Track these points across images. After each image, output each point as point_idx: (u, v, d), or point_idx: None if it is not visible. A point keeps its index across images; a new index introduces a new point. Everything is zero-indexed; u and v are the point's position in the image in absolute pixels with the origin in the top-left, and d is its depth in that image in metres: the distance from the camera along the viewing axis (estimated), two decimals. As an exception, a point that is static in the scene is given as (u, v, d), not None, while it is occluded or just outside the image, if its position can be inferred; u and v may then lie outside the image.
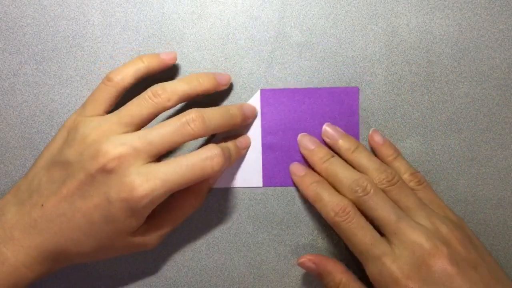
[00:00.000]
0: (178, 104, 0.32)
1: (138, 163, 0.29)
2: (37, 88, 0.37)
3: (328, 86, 0.36)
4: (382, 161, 0.34)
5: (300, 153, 0.35)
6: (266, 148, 0.36)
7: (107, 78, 0.33)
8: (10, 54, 0.37)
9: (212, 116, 0.32)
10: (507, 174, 0.36)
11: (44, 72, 0.37)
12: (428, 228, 0.30)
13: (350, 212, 0.31)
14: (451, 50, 0.36)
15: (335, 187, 0.33)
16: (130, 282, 0.36)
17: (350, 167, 0.33)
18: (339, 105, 0.36)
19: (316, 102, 0.36)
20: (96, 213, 0.29)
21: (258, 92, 0.36)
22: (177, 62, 0.36)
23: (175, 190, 0.30)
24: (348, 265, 0.34)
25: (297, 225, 0.36)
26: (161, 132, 0.30)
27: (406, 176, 0.34)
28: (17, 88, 0.37)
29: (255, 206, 0.36)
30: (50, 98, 0.37)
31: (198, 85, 0.33)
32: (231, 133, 0.36)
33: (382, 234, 0.31)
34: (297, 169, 0.35)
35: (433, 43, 0.36)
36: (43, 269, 0.31)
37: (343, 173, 0.33)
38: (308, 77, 0.36)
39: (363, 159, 0.34)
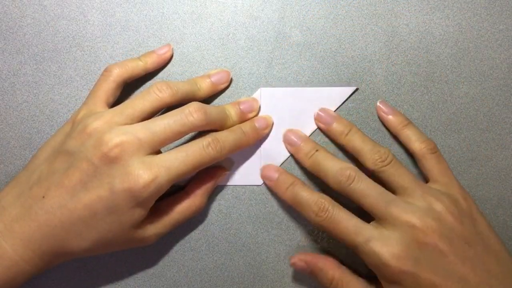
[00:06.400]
0: (180, 102, 0.33)
1: (140, 153, 0.30)
2: (37, 88, 0.37)
3: (328, 86, 0.36)
4: (393, 131, 0.34)
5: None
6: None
7: (106, 70, 0.34)
8: (10, 54, 0.37)
9: (213, 109, 0.33)
10: (507, 174, 0.36)
11: (44, 72, 0.37)
12: (421, 207, 0.30)
13: (328, 208, 0.31)
14: (451, 50, 0.36)
15: (323, 180, 0.33)
16: (130, 282, 0.36)
17: (335, 158, 0.33)
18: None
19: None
20: (99, 204, 0.30)
21: (259, 91, 0.36)
22: (177, 62, 0.36)
23: (178, 179, 0.31)
24: (351, 263, 0.34)
25: (297, 225, 0.36)
26: (164, 123, 0.31)
27: (417, 145, 0.33)
28: (17, 88, 0.37)
29: (255, 206, 0.36)
30: (50, 98, 0.37)
31: (197, 89, 0.34)
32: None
33: (372, 219, 0.31)
34: (269, 172, 0.35)
35: (433, 43, 0.36)
36: (43, 264, 0.31)
37: (328, 164, 0.33)
38: (308, 77, 0.36)
39: (356, 141, 0.34)
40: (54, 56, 0.37)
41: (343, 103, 0.36)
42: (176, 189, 0.35)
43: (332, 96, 0.36)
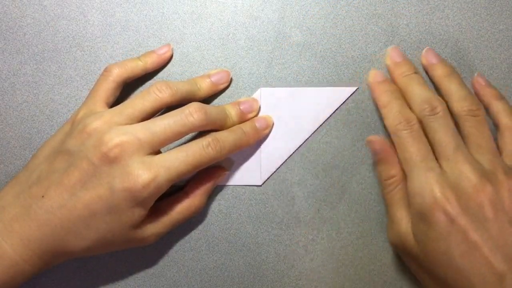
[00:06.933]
0: (180, 102, 0.33)
1: (140, 153, 0.30)
2: (37, 88, 0.37)
3: (328, 86, 0.36)
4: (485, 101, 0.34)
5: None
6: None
7: (106, 70, 0.34)
8: (10, 54, 0.37)
9: (213, 109, 0.33)
10: (507, 174, 0.36)
11: (44, 72, 0.37)
12: (485, 168, 0.30)
13: (414, 125, 0.31)
14: (451, 50, 0.36)
15: (408, 104, 0.33)
16: (130, 282, 0.36)
17: (427, 86, 0.33)
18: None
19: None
20: (99, 204, 0.30)
21: (259, 91, 0.36)
22: (177, 62, 0.36)
23: (178, 179, 0.31)
24: (348, 261, 0.34)
25: (297, 225, 0.36)
26: (164, 123, 0.31)
27: (507, 120, 0.32)
28: (17, 88, 0.37)
29: (255, 206, 0.36)
30: (50, 98, 0.37)
31: (197, 89, 0.34)
32: None
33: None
34: (376, 75, 0.35)
35: (433, 43, 0.36)
36: (42, 263, 0.31)
37: (418, 90, 0.33)
38: (308, 77, 0.36)
39: (453, 84, 0.33)
40: (54, 56, 0.37)
41: (343, 103, 0.36)
42: (176, 189, 0.35)
43: (332, 96, 0.36)
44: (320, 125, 0.36)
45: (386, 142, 0.33)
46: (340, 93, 0.36)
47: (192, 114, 0.31)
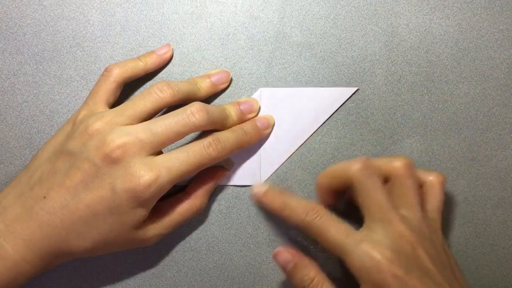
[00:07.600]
0: (180, 102, 0.33)
1: (142, 154, 0.30)
2: (37, 88, 0.37)
3: (328, 86, 0.36)
4: None
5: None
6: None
7: (106, 70, 0.34)
8: (10, 54, 0.37)
9: (214, 109, 0.33)
10: (507, 174, 0.36)
11: (44, 72, 0.37)
12: (413, 224, 0.30)
13: (320, 211, 0.31)
14: (451, 50, 0.36)
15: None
16: (130, 282, 0.36)
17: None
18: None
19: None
20: (101, 204, 0.30)
21: (259, 91, 0.36)
22: (177, 62, 0.36)
23: (179, 179, 0.31)
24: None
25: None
26: (165, 123, 0.31)
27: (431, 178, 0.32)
28: (17, 88, 0.37)
29: (255, 206, 0.36)
30: (50, 98, 0.37)
31: (198, 89, 0.34)
32: None
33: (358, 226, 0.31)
34: (258, 189, 0.34)
35: (433, 43, 0.36)
36: (44, 264, 0.31)
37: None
38: (308, 77, 0.36)
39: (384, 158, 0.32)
40: (54, 56, 0.37)
41: (343, 103, 0.36)
42: (177, 190, 0.35)
43: (332, 97, 0.36)
44: (320, 125, 0.36)
45: (291, 249, 0.32)
46: (340, 93, 0.36)
47: (194, 114, 0.31)
